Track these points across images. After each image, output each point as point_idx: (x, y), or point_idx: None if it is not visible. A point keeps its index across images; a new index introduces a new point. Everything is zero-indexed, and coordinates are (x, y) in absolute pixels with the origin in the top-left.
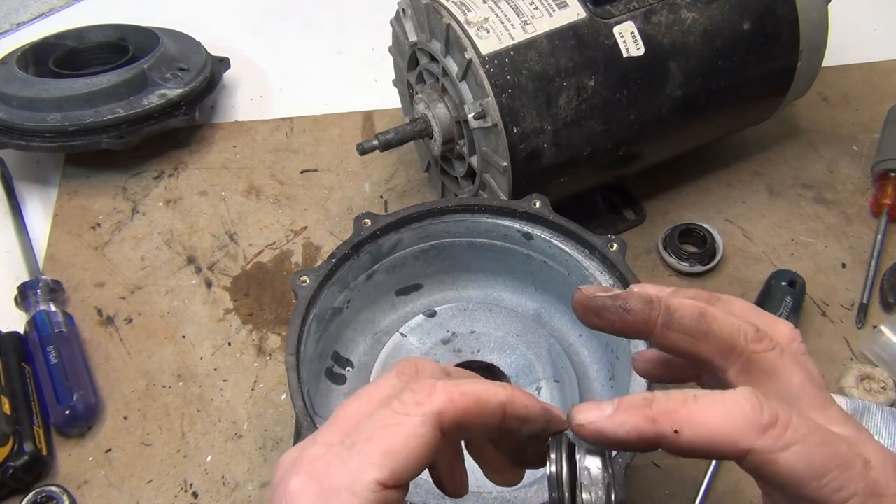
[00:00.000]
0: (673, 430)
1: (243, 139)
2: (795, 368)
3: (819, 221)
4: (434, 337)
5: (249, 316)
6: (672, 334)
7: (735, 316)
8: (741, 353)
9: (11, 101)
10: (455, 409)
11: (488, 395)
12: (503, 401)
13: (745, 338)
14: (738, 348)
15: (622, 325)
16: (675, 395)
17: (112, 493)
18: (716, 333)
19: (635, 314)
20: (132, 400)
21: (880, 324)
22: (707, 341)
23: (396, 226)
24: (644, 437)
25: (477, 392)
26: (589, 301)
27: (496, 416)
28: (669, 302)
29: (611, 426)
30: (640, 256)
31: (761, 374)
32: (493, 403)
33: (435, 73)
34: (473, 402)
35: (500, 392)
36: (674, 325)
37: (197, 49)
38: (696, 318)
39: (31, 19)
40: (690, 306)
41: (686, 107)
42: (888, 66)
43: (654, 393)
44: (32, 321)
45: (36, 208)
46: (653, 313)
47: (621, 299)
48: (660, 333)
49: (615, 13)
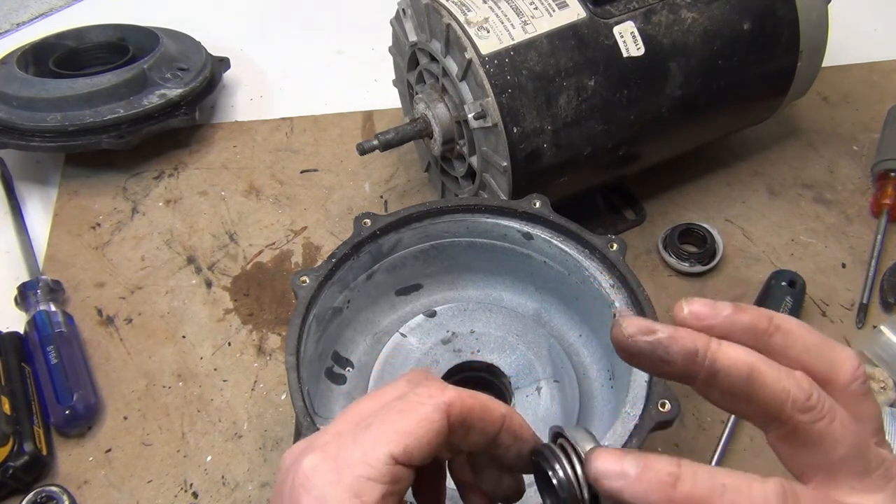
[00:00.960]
0: None
1: (243, 139)
2: (842, 438)
3: (819, 221)
4: (434, 337)
5: (249, 316)
6: (713, 391)
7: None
8: (785, 422)
9: (11, 101)
10: (463, 405)
11: (492, 404)
12: (504, 413)
13: (793, 405)
14: (783, 417)
15: (660, 373)
16: (702, 481)
17: (112, 493)
18: (761, 399)
19: (675, 367)
20: (132, 400)
21: (880, 324)
22: (750, 405)
23: (396, 226)
24: None
25: (482, 398)
26: (626, 343)
27: (495, 424)
28: (716, 357)
29: (629, 493)
30: (640, 256)
31: (803, 442)
32: (496, 413)
33: (435, 73)
34: (479, 404)
35: (502, 405)
36: (717, 383)
37: (197, 49)
38: (742, 381)
39: (31, 19)
40: (738, 366)
41: (686, 107)
42: (888, 66)
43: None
44: (32, 321)
45: (36, 208)
46: (695, 367)
47: (663, 347)
48: (701, 388)
49: (615, 13)
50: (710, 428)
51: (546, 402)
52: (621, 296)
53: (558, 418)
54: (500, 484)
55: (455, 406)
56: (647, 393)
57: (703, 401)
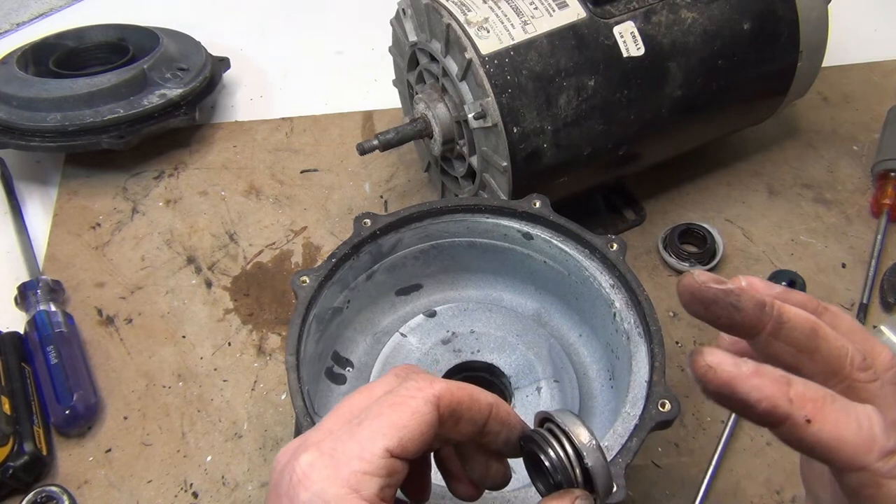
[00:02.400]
0: (806, 418)
1: (243, 139)
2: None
3: (819, 221)
4: (434, 337)
5: (249, 316)
6: (778, 344)
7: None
8: (844, 379)
9: (11, 101)
10: (452, 396)
11: (479, 394)
12: (491, 402)
13: (852, 364)
14: (843, 373)
15: (728, 321)
16: (813, 387)
17: (112, 493)
18: (823, 354)
19: (745, 315)
20: (132, 400)
21: (880, 324)
22: (812, 359)
23: (396, 226)
24: (774, 411)
25: (470, 388)
26: (699, 289)
27: (483, 413)
28: (783, 310)
29: (745, 385)
30: (640, 256)
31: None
32: (483, 402)
33: (435, 73)
34: (467, 395)
35: (489, 395)
36: (783, 335)
37: (197, 49)
38: (807, 334)
39: (31, 19)
40: (803, 319)
41: (686, 107)
42: (888, 66)
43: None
44: (32, 321)
45: (36, 208)
46: (763, 318)
47: (734, 295)
48: (765, 340)
49: (615, 13)
50: (710, 428)
51: (546, 402)
52: (621, 296)
53: None
54: (489, 471)
55: (444, 398)
56: (647, 393)
57: (703, 401)
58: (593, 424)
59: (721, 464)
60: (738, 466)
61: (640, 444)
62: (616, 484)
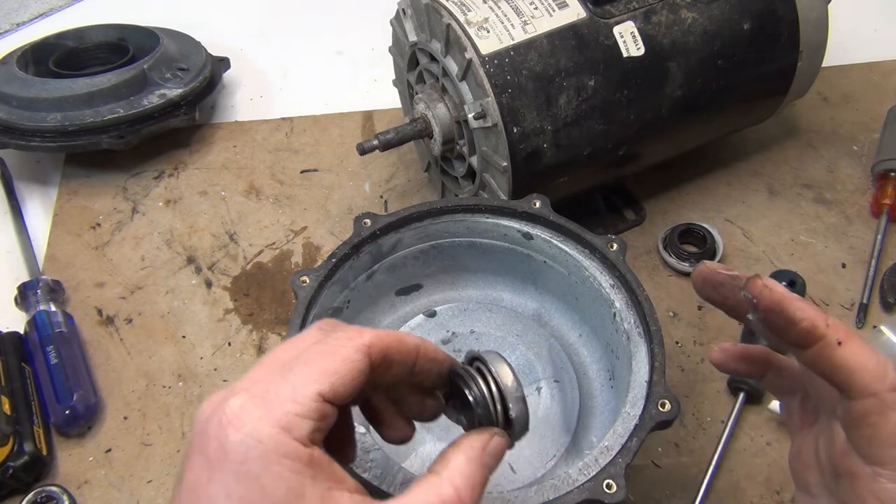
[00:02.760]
0: (838, 340)
1: (243, 139)
2: None
3: (819, 221)
4: (434, 337)
5: (249, 316)
6: None
7: None
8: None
9: (11, 101)
10: (381, 343)
11: (405, 337)
12: (417, 343)
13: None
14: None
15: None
16: (841, 322)
17: (112, 493)
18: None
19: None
20: (132, 400)
21: (880, 324)
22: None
23: (396, 226)
24: (814, 330)
25: (397, 334)
26: (711, 273)
27: (412, 354)
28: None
29: (793, 304)
30: (640, 256)
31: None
32: (410, 344)
33: (435, 73)
34: (395, 340)
35: (414, 337)
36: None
37: (197, 49)
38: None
39: (31, 19)
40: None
41: (686, 107)
42: (888, 66)
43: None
44: (32, 321)
45: (36, 208)
46: None
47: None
48: None
49: (615, 13)
50: (710, 428)
51: (546, 401)
52: (621, 296)
53: (558, 418)
54: (424, 406)
55: (375, 345)
56: (647, 393)
57: (704, 401)
58: (594, 424)
59: (721, 464)
60: (738, 466)
61: (640, 444)
62: (616, 484)
